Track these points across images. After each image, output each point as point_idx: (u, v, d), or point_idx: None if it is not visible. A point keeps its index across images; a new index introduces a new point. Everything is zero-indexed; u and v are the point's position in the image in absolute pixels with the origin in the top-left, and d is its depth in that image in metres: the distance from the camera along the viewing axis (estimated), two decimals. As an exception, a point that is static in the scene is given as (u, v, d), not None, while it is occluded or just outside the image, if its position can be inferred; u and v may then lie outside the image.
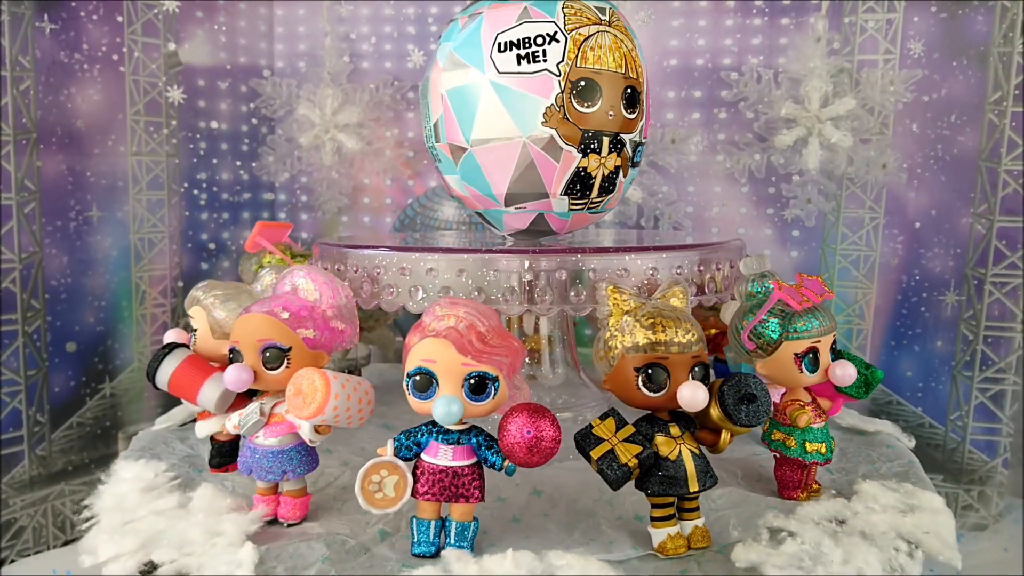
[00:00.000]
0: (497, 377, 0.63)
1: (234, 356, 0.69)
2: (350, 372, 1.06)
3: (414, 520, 0.65)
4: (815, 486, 0.76)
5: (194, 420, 0.89)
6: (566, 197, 0.82)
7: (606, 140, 0.80)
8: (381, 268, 0.79)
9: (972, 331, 1.18)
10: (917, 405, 1.22)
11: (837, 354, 0.74)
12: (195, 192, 1.33)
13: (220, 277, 1.33)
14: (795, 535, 0.66)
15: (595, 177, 0.82)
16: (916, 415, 1.22)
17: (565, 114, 0.78)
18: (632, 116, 0.81)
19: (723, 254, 0.84)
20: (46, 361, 1.16)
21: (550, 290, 0.76)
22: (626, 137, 0.81)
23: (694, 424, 0.67)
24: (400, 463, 0.64)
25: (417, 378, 0.62)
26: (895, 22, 1.17)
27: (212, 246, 1.35)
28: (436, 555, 0.64)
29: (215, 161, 1.34)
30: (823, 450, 0.73)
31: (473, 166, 0.82)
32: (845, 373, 0.71)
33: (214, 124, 1.33)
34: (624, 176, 0.84)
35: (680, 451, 0.64)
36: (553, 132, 0.78)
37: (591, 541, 0.68)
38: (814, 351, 0.71)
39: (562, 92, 0.77)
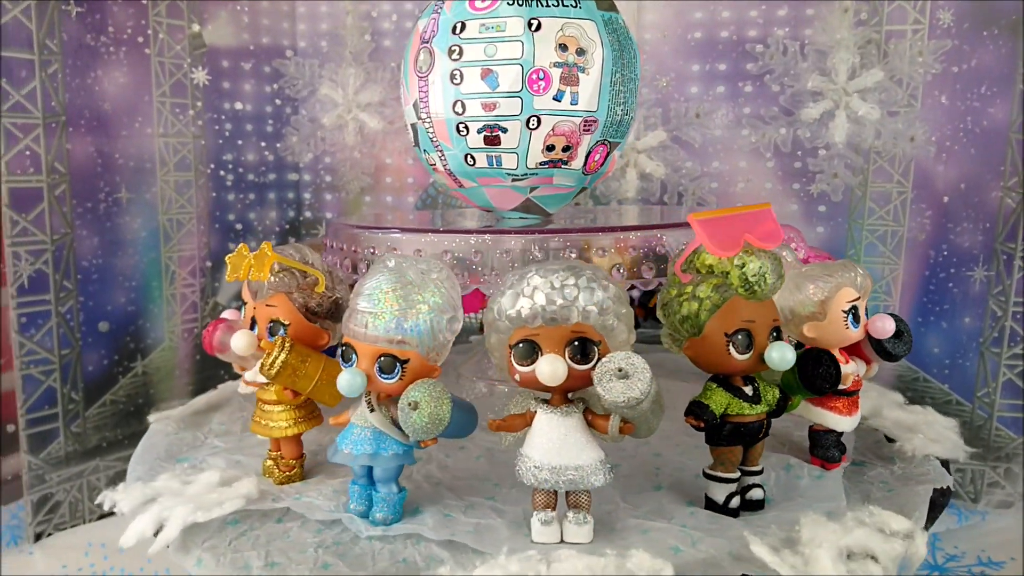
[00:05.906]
0: None
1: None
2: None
3: None
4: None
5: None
6: None
7: None
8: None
9: (1001, 307, 1.16)
10: (944, 382, 1.21)
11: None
12: (221, 173, 1.34)
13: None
14: None
15: None
16: (943, 392, 1.21)
17: None
18: None
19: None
20: (79, 340, 1.19)
21: None
22: None
23: None
24: None
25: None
26: (924, -9, 1.15)
27: (239, 226, 1.36)
28: None
29: (240, 142, 1.35)
30: None
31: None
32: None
33: (239, 105, 1.34)
34: None
35: None
36: None
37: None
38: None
39: None
